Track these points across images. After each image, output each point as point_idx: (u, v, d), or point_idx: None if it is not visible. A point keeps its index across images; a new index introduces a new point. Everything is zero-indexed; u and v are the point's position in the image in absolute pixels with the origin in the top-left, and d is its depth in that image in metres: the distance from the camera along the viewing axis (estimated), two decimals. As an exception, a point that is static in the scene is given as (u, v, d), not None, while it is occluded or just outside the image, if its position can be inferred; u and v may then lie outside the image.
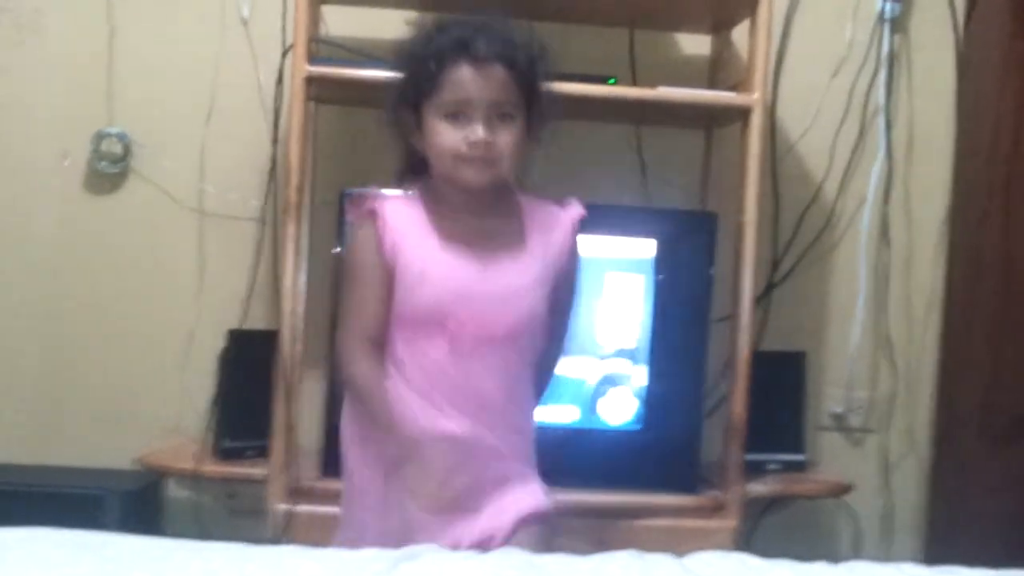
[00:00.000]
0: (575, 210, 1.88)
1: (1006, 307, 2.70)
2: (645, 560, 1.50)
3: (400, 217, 1.80)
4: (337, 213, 2.40)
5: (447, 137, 1.74)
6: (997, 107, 2.77)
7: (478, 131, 1.72)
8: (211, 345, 2.65)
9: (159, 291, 2.78)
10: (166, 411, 2.75)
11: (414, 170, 1.86)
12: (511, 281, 1.79)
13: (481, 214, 1.81)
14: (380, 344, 1.82)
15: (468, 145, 1.73)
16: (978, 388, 2.76)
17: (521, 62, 1.76)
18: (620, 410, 2.44)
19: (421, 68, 1.76)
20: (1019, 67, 2.72)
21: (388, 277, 1.78)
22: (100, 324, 2.78)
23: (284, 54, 2.54)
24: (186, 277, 2.77)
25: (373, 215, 1.80)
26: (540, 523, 1.82)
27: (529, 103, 1.78)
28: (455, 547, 1.66)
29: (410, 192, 1.85)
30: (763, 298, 2.82)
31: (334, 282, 2.38)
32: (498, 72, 1.73)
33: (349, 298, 1.86)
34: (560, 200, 1.90)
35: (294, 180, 2.36)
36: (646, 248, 2.46)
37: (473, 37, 1.74)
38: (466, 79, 1.73)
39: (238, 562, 1.38)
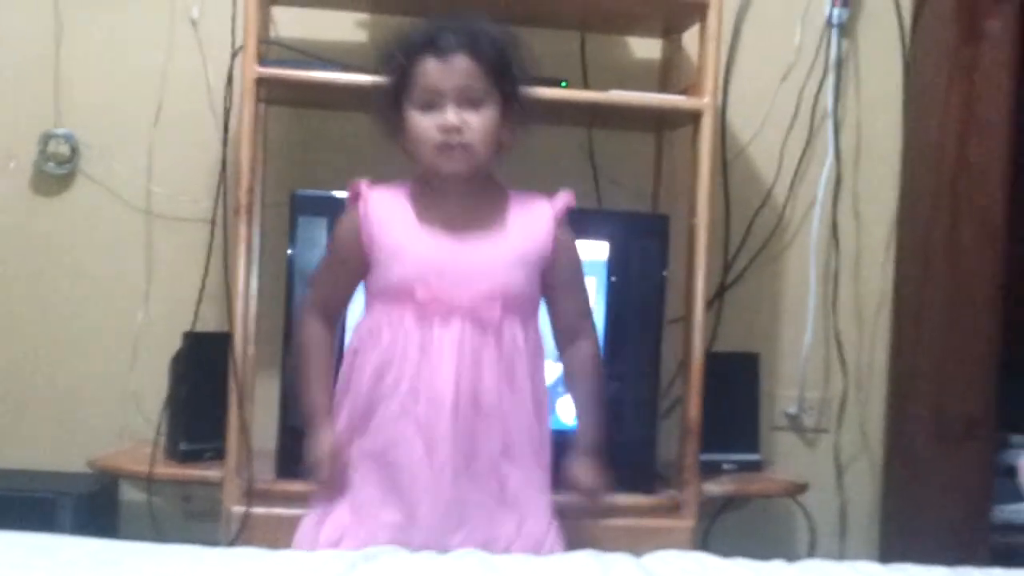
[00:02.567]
0: (560, 200, 1.94)
1: (955, 308, 2.73)
2: (603, 560, 1.50)
3: (383, 204, 1.88)
4: (288, 215, 2.38)
5: (422, 127, 1.82)
6: (943, 112, 2.80)
7: (448, 115, 1.80)
8: (162, 347, 2.61)
9: (108, 293, 2.75)
10: (118, 413, 2.71)
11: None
12: (482, 258, 1.85)
13: (463, 202, 1.87)
14: (330, 320, 1.96)
15: (441, 131, 1.80)
16: (929, 388, 2.78)
17: (486, 50, 1.83)
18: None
19: (395, 68, 1.85)
20: (964, 73, 2.75)
21: (359, 264, 1.88)
22: (49, 326, 2.74)
23: (234, 55, 2.51)
24: (135, 279, 2.75)
25: (357, 200, 1.88)
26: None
27: (503, 91, 1.85)
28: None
29: (399, 184, 1.92)
30: (716, 300, 2.83)
31: (287, 283, 2.37)
32: (462, 61, 1.82)
33: (320, 269, 2.03)
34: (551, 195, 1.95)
35: (245, 182, 2.34)
36: (599, 250, 2.46)
37: (438, 32, 1.83)
38: (433, 70, 1.81)
39: (192, 565, 1.37)
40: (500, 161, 1.92)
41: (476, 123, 1.81)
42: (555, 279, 1.93)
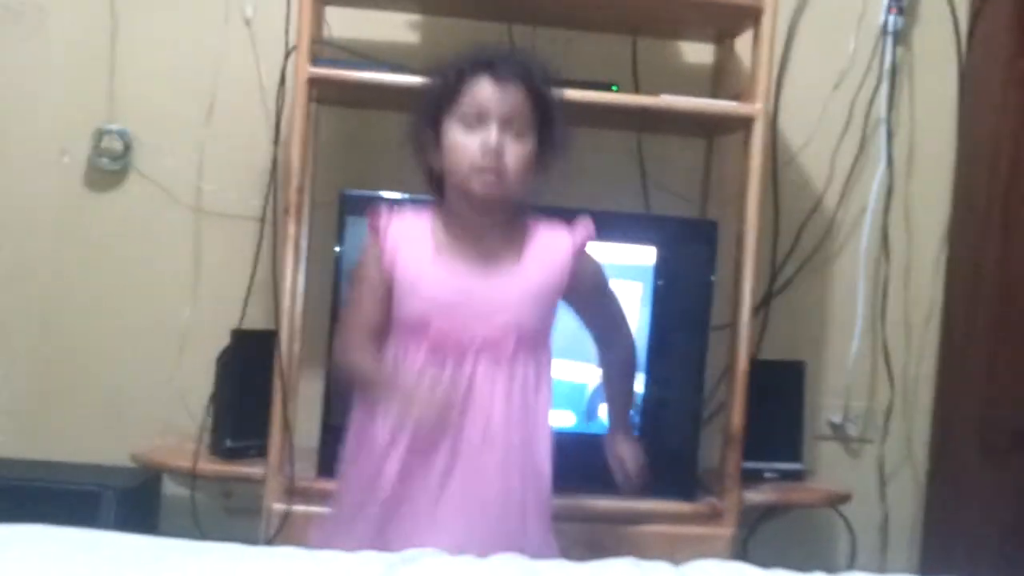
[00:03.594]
0: (581, 231, 1.91)
1: (1004, 321, 2.70)
2: (642, 567, 1.50)
3: (403, 234, 1.87)
4: (337, 214, 2.40)
5: (462, 144, 1.81)
6: (998, 123, 2.77)
7: (492, 136, 1.79)
8: (208, 344, 2.63)
9: (157, 289, 2.78)
10: (163, 408, 2.74)
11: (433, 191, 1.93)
12: (496, 295, 1.84)
13: (485, 234, 1.87)
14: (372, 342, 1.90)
15: (482, 151, 1.79)
16: (975, 401, 2.75)
17: (539, 87, 1.84)
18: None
19: (444, 82, 1.84)
20: (1020, 85, 2.72)
21: (384, 291, 1.87)
22: (98, 321, 2.78)
23: (287, 55, 2.53)
24: (184, 275, 2.77)
25: (376, 232, 1.87)
26: None
27: (542, 132, 1.85)
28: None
29: (422, 208, 1.92)
30: (762, 307, 2.82)
31: (334, 282, 2.38)
32: (515, 91, 1.81)
33: (350, 300, 1.97)
34: (572, 221, 1.93)
35: (295, 181, 2.36)
36: (646, 255, 2.46)
37: (496, 58, 1.83)
38: (485, 90, 1.81)
39: (233, 563, 1.38)
40: (527, 197, 1.90)
41: (516, 152, 1.80)
42: (580, 303, 1.94)
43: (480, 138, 1.79)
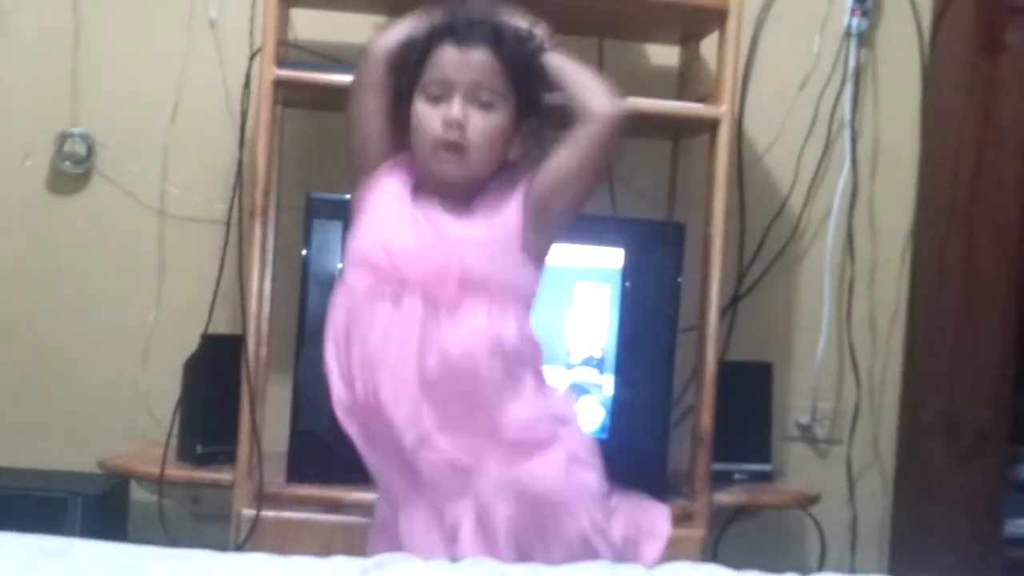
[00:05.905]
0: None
1: (969, 320, 2.72)
2: (616, 571, 1.49)
3: (391, 173, 1.82)
4: (303, 217, 2.38)
5: (424, 117, 1.75)
6: (961, 123, 2.79)
7: (454, 108, 1.72)
8: (173, 348, 2.61)
9: (121, 293, 2.76)
10: (128, 414, 2.72)
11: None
12: (438, 241, 1.75)
13: (455, 197, 1.80)
14: None
15: (444, 125, 1.72)
16: (942, 401, 2.77)
17: (510, 49, 1.75)
18: (587, 419, 2.43)
19: (410, 53, 1.77)
20: (982, 85, 2.74)
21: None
22: (62, 326, 2.75)
23: (252, 57, 2.51)
24: (149, 279, 2.75)
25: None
26: None
27: (520, 98, 1.77)
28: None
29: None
30: (730, 308, 2.82)
31: (301, 286, 2.37)
32: (481, 56, 1.73)
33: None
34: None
35: (260, 184, 2.35)
36: (614, 258, 2.46)
37: (461, 21, 1.75)
38: (448, 60, 1.74)
39: (204, 570, 1.37)
40: (504, 173, 1.83)
41: (480, 125, 1.73)
42: (541, 186, 1.79)
43: (441, 112, 1.73)
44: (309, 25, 2.65)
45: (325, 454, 2.32)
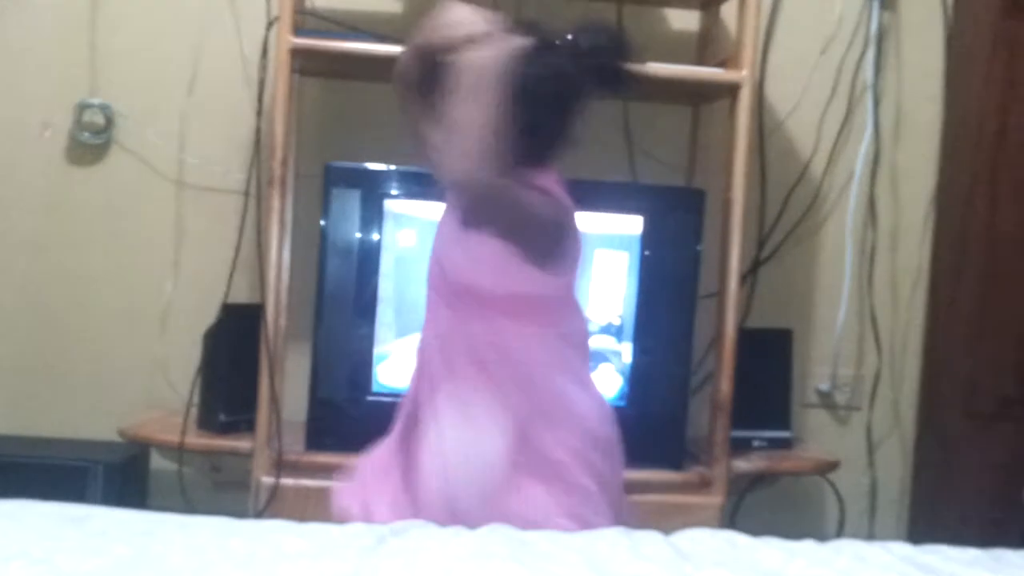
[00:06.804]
0: None
1: (991, 287, 2.71)
2: (633, 537, 1.49)
3: None
4: (321, 186, 2.38)
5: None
6: (985, 87, 2.76)
7: None
8: (190, 318, 2.64)
9: (140, 263, 2.77)
10: (147, 383, 2.74)
11: None
12: (448, 250, 1.81)
13: None
14: None
15: None
16: (962, 367, 2.76)
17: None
18: (606, 386, 2.43)
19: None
20: (1007, 47, 2.71)
21: None
22: (82, 295, 2.77)
23: (269, 26, 2.50)
24: (167, 249, 2.77)
25: None
26: None
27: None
28: None
29: None
30: (750, 275, 2.81)
31: (319, 255, 2.37)
32: None
33: None
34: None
35: (279, 153, 2.34)
36: (633, 225, 2.45)
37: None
38: None
39: (223, 537, 1.37)
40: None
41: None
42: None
43: None
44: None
45: (344, 422, 2.34)
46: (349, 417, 2.35)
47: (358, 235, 2.37)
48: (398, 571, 1.26)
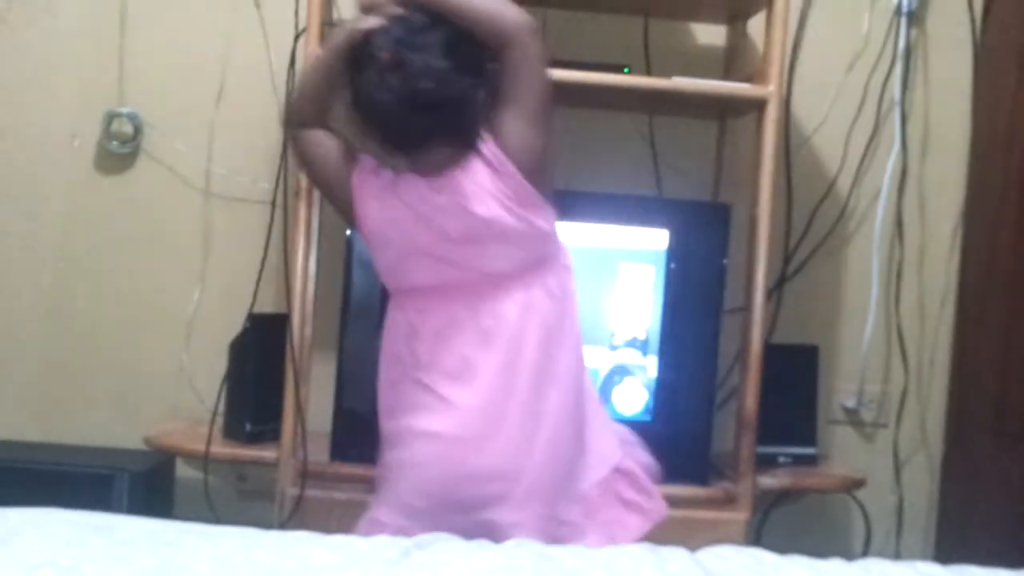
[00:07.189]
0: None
1: (1019, 304, 2.68)
2: (659, 553, 1.48)
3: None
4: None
5: None
6: (1013, 103, 2.75)
7: None
8: (217, 327, 2.64)
9: (167, 272, 2.78)
10: (173, 392, 2.75)
11: None
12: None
13: None
14: None
15: None
16: (991, 385, 2.74)
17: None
18: (631, 401, 2.43)
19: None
20: (1035, 64, 2.70)
21: None
22: (109, 304, 2.78)
23: (296, 37, 2.51)
24: (194, 258, 2.78)
25: None
26: None
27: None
28: None
29: None
30: (776, 290, 2.80)
31: (345, 265, 2.38)
32: None
33: None
34: None
35: (306, 163, 2.34)
36: (659, 239, 2.45)
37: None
38: None
39: (248, 548, 1.37)
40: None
41: None
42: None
43: None
44: (353, 5, 2.64)
45: (369, 433, 2.33)
46: (374, 428, 2.34)
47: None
48: (423, 584, 1.26)
